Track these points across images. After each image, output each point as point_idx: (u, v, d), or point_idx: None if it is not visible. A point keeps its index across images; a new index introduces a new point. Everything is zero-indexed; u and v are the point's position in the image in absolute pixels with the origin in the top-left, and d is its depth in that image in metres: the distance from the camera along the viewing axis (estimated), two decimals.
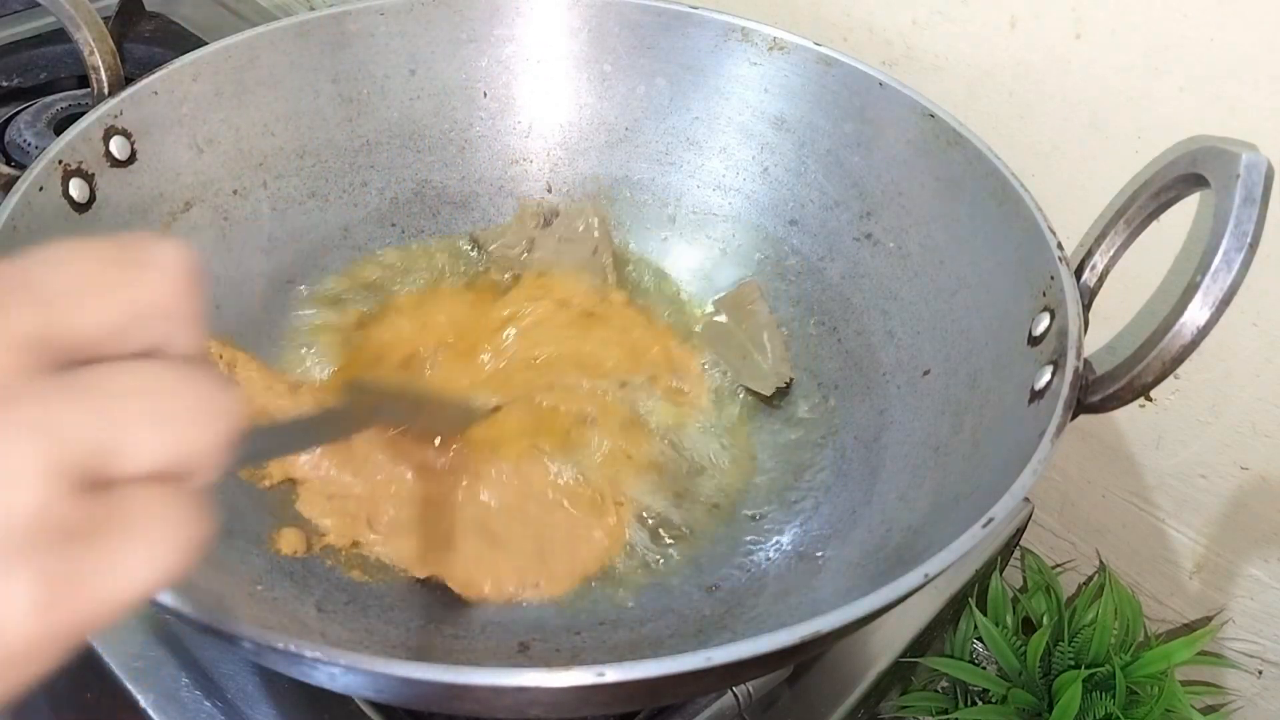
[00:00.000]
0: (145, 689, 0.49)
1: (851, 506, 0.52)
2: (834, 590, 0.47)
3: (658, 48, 0.63)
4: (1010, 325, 0.48)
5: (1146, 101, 0.55)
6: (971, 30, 0.60)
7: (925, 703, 0.68)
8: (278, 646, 0.31)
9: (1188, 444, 0.63)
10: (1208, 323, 0.38)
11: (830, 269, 0.60)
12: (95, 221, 0.51)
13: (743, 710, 0.51)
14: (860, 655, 0.58)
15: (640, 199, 0.66)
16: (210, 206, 0.57)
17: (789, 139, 0.62)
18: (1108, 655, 0.64)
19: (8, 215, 0.45)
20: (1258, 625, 0.67)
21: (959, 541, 0.35)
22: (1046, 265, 0.46)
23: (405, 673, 0.31)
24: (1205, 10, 0.51)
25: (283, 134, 0.60)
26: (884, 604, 0.34)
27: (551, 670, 0.30)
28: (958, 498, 0.45)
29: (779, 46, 0.60)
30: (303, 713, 0.50)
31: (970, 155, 0.52)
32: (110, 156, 0.52)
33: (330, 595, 0.48)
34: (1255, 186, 0.38)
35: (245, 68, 0.58)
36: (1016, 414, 0.44)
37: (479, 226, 0.66)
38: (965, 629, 0.68)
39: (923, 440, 0.51)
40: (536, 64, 0.65)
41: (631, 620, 0.50)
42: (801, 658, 0.53)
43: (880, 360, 0.56)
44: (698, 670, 0.31)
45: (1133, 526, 0.69)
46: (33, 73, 0.86)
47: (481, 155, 0.66)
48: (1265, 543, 0.63)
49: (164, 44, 0.89)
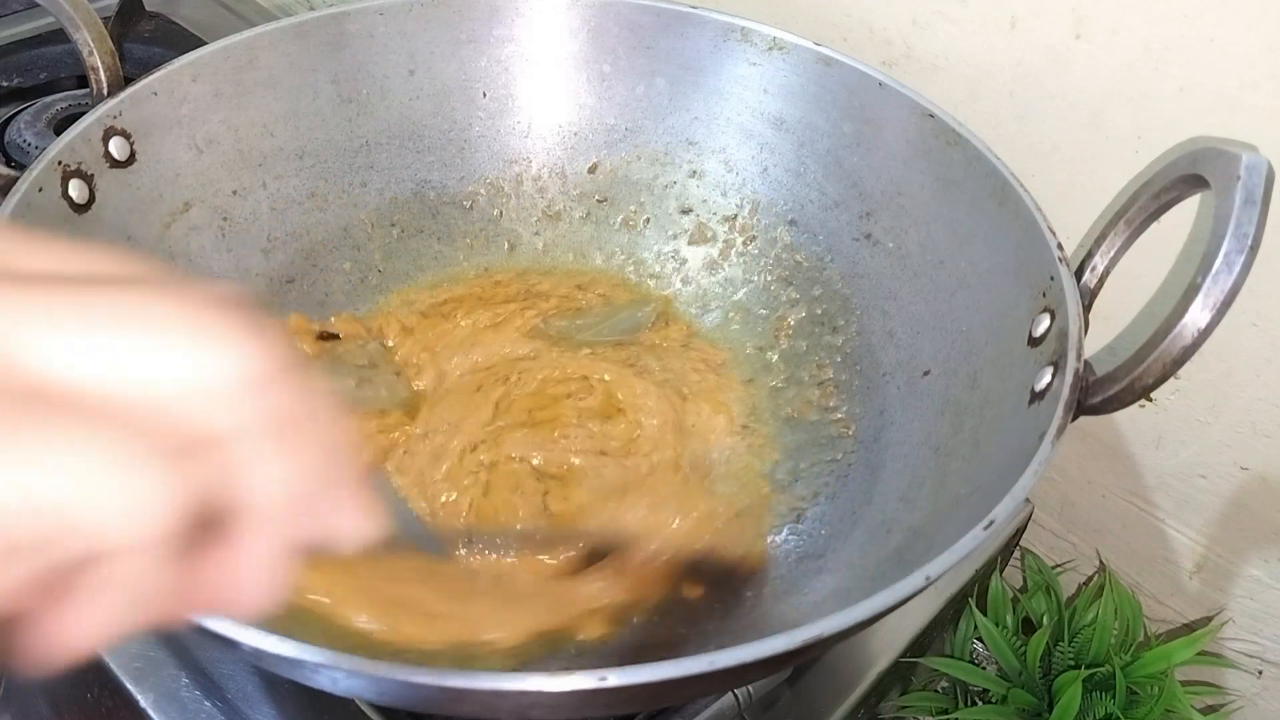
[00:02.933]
0: (145, 689, 0.49)
1: (851, 507, 0.52)
2: (834, 591, 0.47)
3: (657, 48, 0.63)
4: (1010, 326, 0.48)
5: (1146, 101, 0.55)
6: (971, 30, 0.60)
7: (925, 703, 0.68)
8: (279, 651, 0.31)
9: (1188, 444, 0.63)
10: (1209, 324, 0.38)
11: (830, 269, 0.60)
12: (95, 222, 0.50)
13: (743, 711, 0.51)
14: (860, 655, 0.58)
15: (639, 199, 0.66)
16: (209, 207, 0.57)
17: (788, 139, 0.62)
18: (1108, 655, 0.64)
19: (7, 215, 0.45)
20: (1258, 625, 0.67)
21: (960, 543, 0.35)
22: (1046, 266, 0.46)
23: (407, 676, 0.31)
24: (1205, 10, 0.51)
25: (282, 134, 0.60)
26: (885, 606, 0.34)
27: (553, 674, 0.30)
28: (958, 498, 0.45)
29: (778, 46, 0.60)
30: (303, 713, 0.50)
31: (970, 155, 0.52)
32: (110, 157, 0.52)
33: None
34: (1256, 188, 0.38)
35: (244, 68, 0.57)
36: (1017, 415, 0.44)
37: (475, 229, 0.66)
38: (965, 629, 0.68)
39: (923, 441, 0.51)
40: (536, 64, 0.65)
41: (631, 625, 0.49)
42: (803, 659, 0.53)
43: (880, 360, 0.56)
44: (699, 674, 0.31)
45: (1133, 526, 0.69)
46: (33, 73, 0.86)
47: (481, 155, 0.66)
48: (1265, 543, 0.63)
49: (164, 44, 0.89)
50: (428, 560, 0.51)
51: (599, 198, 0.67)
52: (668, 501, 0.52)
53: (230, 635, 0.32)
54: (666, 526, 0.51)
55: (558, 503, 0.53)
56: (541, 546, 0.51)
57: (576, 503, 0.53)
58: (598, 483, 0.54)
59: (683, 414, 0.58)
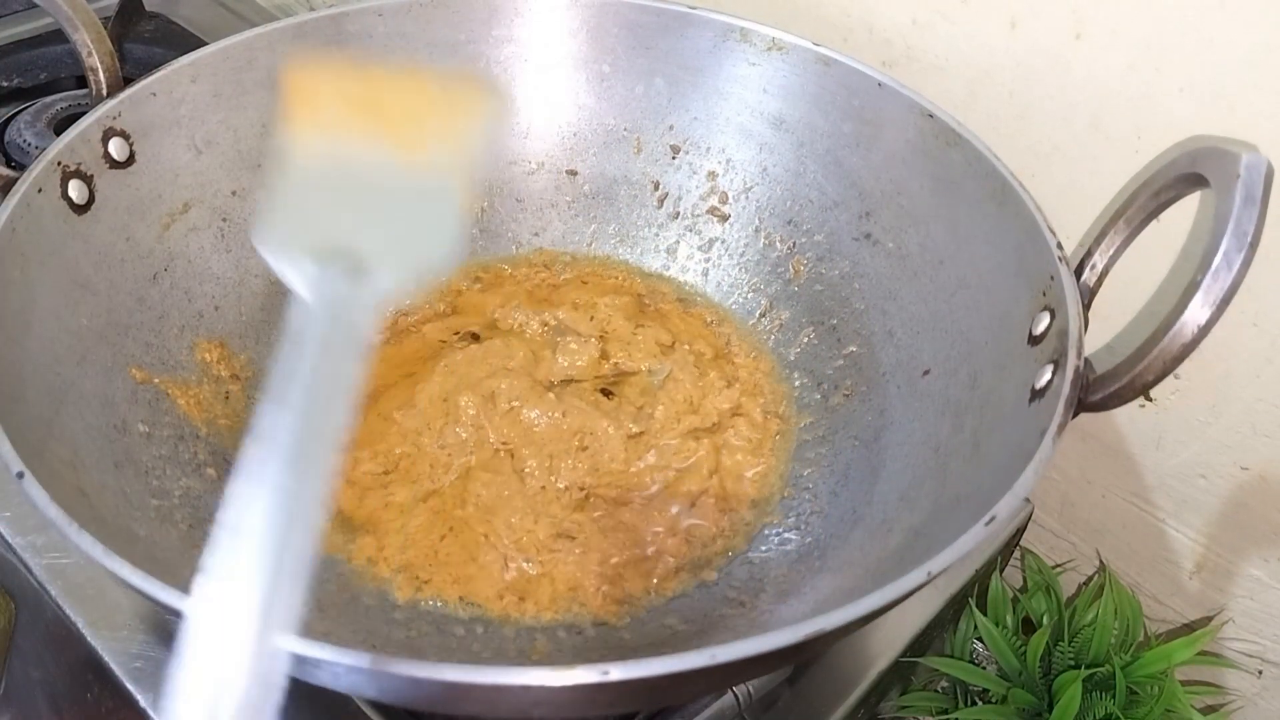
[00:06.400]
0: (145, 689, 0.49)
1: (852, 506, 0.52)
2: (835, 589, 0.47)
3: (656, 48, 0.63)
4: (1010, 325, 0.48)
5: (1146, 101, 0.55)
6: (971, 30, 0.60)
7: (925, 703, 0.68)
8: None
9: (1188, 444, 0.63)
10: (1208, 322, 0.38)
11: (830, 269, 0.60)
12: (94, 222, 0.51)
13: (743, 710, 0.51)
14: (860, 655, 0.58)
15: (639, 199, 0.66)
16: (209, 208, 0.57)
17: (788, 139, 0.62)
18: (1108, 655, 0.64)
19: (7, 216, 0.45)
20: (1258, 625, 0.67)
21: (961, 540, 0.35)
22: (1046, 265, 0.46)
23: (410, 672, 0.31)
24: (1206, 11, 0.51)
25: (281, 135, 0.60)
26: (887, 602, 0.34)
27: (555, 669, 0.30)
28: (959, 497, 0.45)
29: (777, 47, 0.60)
30: (303, 713, 0.49)
31: (969, 155, 0.52)
32: (109, 158, 0.52)
33: (331, 596, 0.48)
34: (1255, 186, 0.38)
35: (243, 69, 0.57)
36: (1017, 413, 0.44)
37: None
38: (965, 629, 0.68)
39: (923, 440, 0.51)
40: (535, 65, 0.65)
41: (633, 621, 0.50)
42: (804, 656, 0.53)
43: (880, 360, 0.56)
44: (701, 669, 0.31)
45: (1133, 526, 0.69)
46: (33, 73, 0.86)
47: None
48: (1265, 543, 0.63)
49: (163, 44, 0.89)
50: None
51: (598, 198, 0.67)
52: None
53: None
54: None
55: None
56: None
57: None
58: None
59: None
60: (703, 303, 0.65)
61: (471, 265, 0.66)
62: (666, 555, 0.52)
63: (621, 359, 0.59)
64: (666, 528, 0.52)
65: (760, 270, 0.64)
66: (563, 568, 0.51)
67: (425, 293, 0.63)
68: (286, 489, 0.27)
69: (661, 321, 0.62)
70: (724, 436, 0.57)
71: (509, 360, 0.58)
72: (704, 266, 0.65)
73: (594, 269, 0.66)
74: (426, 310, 0.63)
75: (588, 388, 0.58)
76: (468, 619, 0.49)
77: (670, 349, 0.60)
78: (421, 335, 0.62)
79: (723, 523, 0.53)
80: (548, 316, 0.62)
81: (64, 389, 0.45)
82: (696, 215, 0.65)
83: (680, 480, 0.55)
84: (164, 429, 0.50)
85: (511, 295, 0.64)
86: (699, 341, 0.61)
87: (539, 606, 0.49)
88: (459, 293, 0.64)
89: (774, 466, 0.56)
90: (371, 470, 0.54)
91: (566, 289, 0.64)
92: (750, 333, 0.63)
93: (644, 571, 0.51)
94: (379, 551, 0.51)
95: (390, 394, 0.57)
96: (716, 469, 0.55)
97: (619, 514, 0.53)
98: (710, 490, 0.55)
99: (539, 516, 0.52)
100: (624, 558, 0.51)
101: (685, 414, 0.57)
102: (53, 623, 0.52)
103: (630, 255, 0.67)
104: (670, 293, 0.65)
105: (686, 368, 0.59)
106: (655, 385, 0.59)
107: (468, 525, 0.52)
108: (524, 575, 0.51)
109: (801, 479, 0.55)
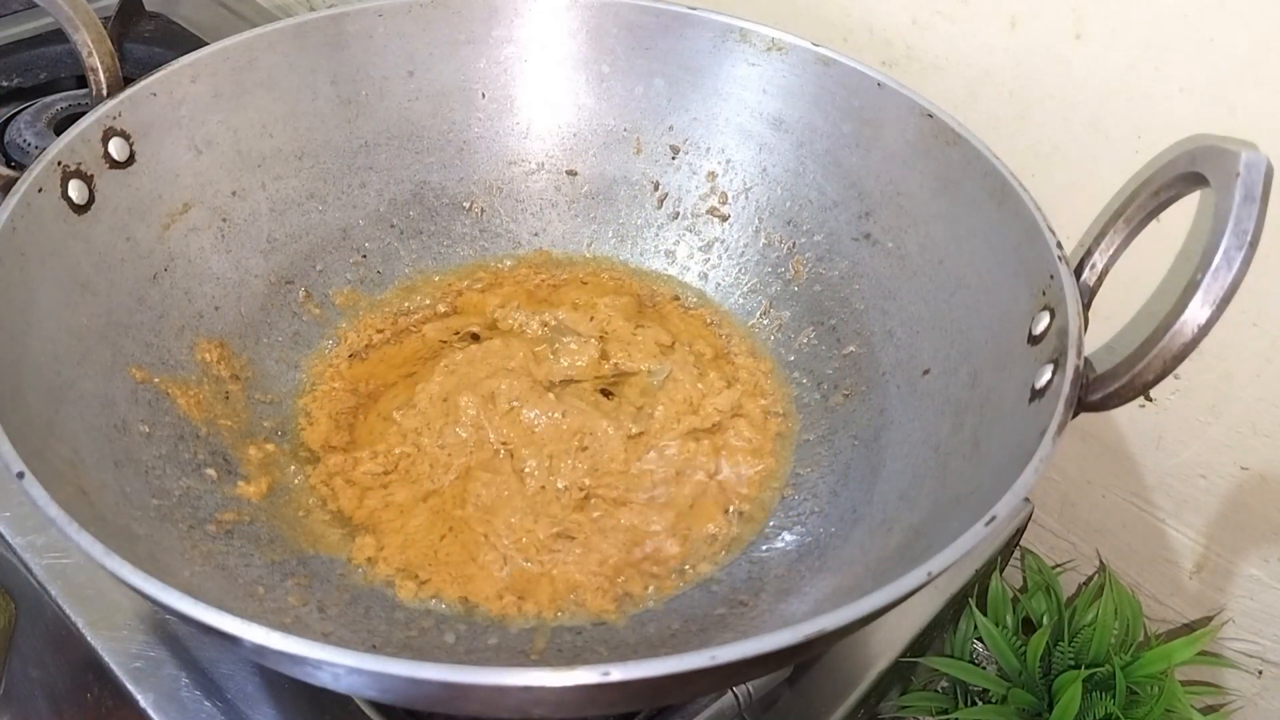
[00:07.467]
0: (145, 689, 0.49)
1: (852, 505, 0.52)
2: (835, 589, 0.47)
3: (656, 48, 0.63)
4: (1010, 324, 0.48)
5: (1146, 101, 0.55)
6: (971, 30, 0.60)
7: (925, 703, 0.68)
8: (281, 648, 0.31)
9: (1188, 444, 0.63)
10: (1208, 321, 0.38)
11: (829, 269, 0.60)
12: (94, 223, 0.51)
13: (743, 710, 0.51)
14: (860, 655, 0.58)
15: (639, 200, 0.66)
16: (209, 208, 0.57)
17: (787, 139, 0.62)
18: (1108, 655, 0.64)
19: (7, 216, 0.45)
20: (1258, 625, 0.67)
21: (962, 539, 0.35)
22: (1046, 264, 0.46)
23: (410, 672, 0.31)
24: (1205, 11, 0.51)
25: (281, 135, 0.60)
26: (887, 601, 0.34)
27: (556, 669, 0.30)
28: (959, 497, 0.45)
29: (777, 47, 0.60)
30: (303, 713, 0.50)
31: (969, 155, 0.52)
32: (109, 158, 0.52)
33: (332, 596, 0.48)
34: (1255, 185, 0.38)
35: (244, 69, 0.57)
36: (1017, 413, 0.44)
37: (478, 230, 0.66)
38: (965, 629, 0.68)
39: (923, 440, 0.51)
40: (535, 65, 0.65)
41: (633, 621, 0.50)
42: (805, 656, 0.53)
43: (880, 360, 0.56)
44: (702, 669, 0.31)
45: (1133, 526, 0.69)
46: (33, 73, 0.87)
47: (480, 156, 0.66)
48: (1265, 543, 0.63)
49: (164, 44, 0.89)
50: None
51: (598, 198, 0.67)
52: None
53: (232, 632, 0.32)
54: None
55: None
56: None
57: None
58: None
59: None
60: (702, 303, 0.65)
61: (471, 265, 0.66)
62: (666, 555, 0.52)
63: (621, 359, 0.59)
64: (666, 528, 0.52)
65: (760, 270, 0.64)
66: (562, 568, 0.51)
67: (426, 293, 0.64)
68: None
69: (661, 322, 0.62)
70: (724, 437, 0.57)
71: (509, 360, 0.58)
72: (704, 267, 0.65)
73: (594, 269, 0.66)
74: (426, 310, 0.63)
75: (588, 388, 0.58)
76: (468, 619, 0.49)
77: (670, 349, 0.61)
78: (421, 335, 0.62)
79: (722, 523, 0.53)
80: (548, 317, 0.62)
81: (64, 389, 0.45)
82: (696, 216, 0.65)
83: (680, 480, 0.55)
84: (164, 429, 0.50)
85: (511, 295, 0.64)
86: (699, 342, 0.61)
87: (539, 606, 0.49)
88: (459, 293, 0.64)
89: (774, 466, 0.56)
90: (371, 470, 0.54)
91: (566, 289, 0.65)
92: (750, 333, 0.63)
93: (644, 571, 0.51)
94: (379, 551, 0.51)
95: (390, 394, 0.57)
96: (716, 469, 0.55)
97: (619, 514, 0.53)
98: (710, 490, 0.55)
99: (539, 516, 0.52)
100: (624, 558, 0.51)
101: (685, 414, 0.57)
102: (53, 623, 0.52)
103: (630, 256, 0.67)
104: (670, 293, 0.65)
105: (686, 368, 0.59)
106: (655, 385, 0.59)
107: (468, 525, 0.52)
108: (524, 575, 0.51)
109: (801, 479, 0.55)
